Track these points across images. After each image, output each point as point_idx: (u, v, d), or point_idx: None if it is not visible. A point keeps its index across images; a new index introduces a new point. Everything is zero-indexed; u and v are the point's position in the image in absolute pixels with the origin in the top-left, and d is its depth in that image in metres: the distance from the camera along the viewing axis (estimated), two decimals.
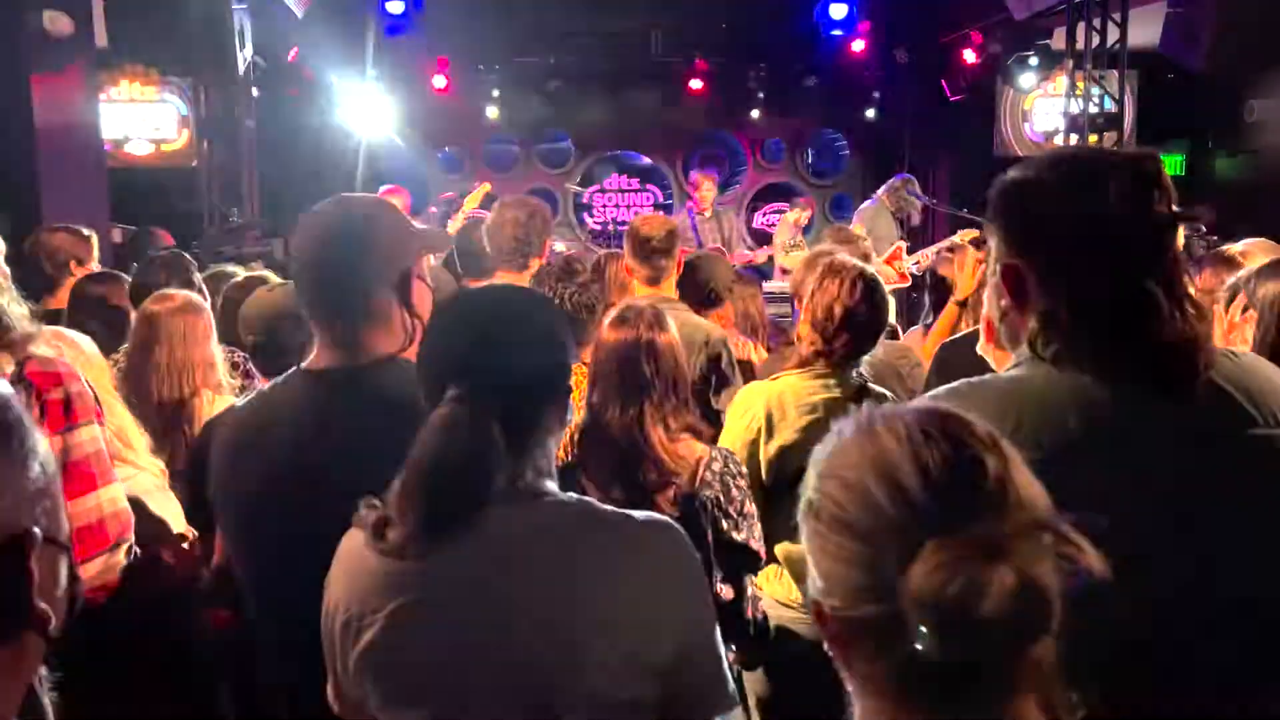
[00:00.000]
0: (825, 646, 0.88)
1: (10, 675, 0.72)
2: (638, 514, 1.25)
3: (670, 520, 1.28)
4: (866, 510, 0.81)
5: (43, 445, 0.75)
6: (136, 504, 2.04)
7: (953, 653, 0.75)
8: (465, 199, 6.44)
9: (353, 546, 1.25)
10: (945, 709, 0.80)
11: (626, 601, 1.16)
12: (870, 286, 2.47)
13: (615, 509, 1.25)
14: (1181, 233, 1.22)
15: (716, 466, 2.11)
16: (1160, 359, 1.15)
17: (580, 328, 2.65)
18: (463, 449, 1.13)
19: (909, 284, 6.33)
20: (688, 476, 2.08)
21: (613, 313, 2.23)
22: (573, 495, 1.26)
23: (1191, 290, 1.19)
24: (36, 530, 0.70)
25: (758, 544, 2.15)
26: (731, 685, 1.25)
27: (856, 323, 2.44)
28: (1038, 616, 0.75)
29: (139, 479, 2.17)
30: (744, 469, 2.19)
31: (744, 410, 2.49)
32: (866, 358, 2.54)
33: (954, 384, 1.30)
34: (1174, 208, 1.19)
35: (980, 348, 1.95)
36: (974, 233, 6.07)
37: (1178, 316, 1.16)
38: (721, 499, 2.09)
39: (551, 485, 1.25)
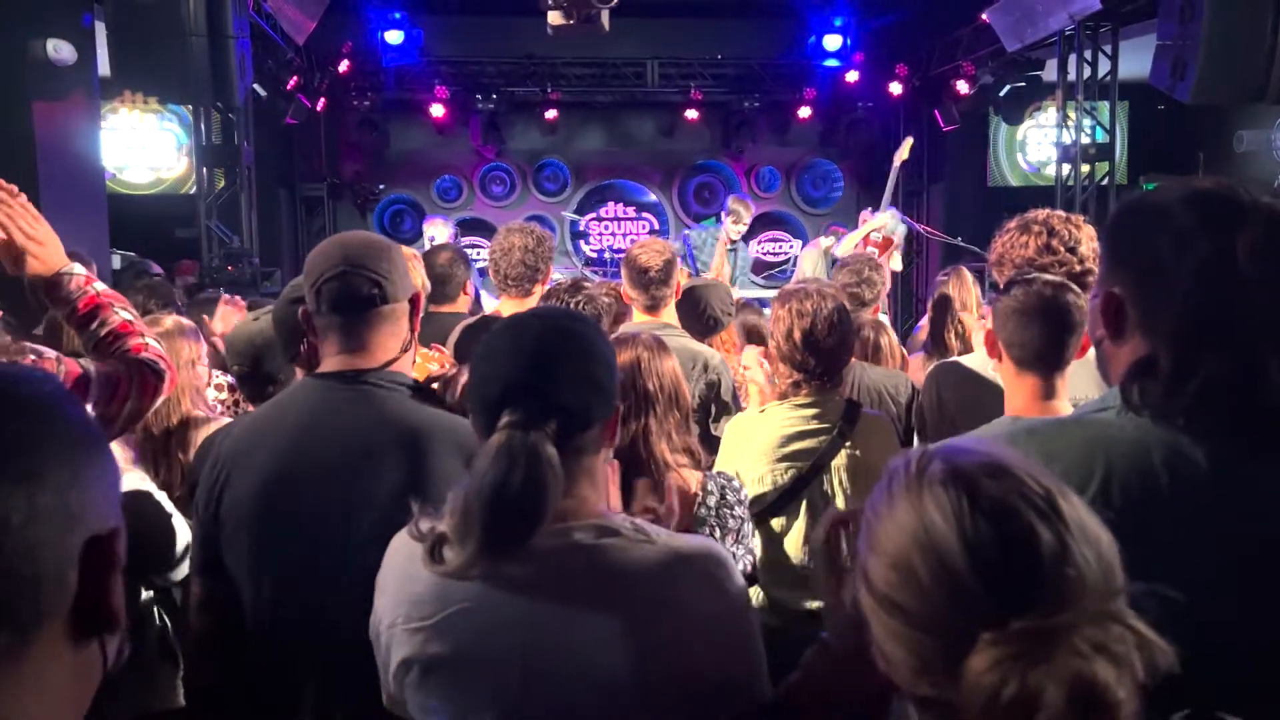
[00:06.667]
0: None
1: (84, 681, 0.69)
2: (687, 538, 1.26)
3: (717, 545, 1.29)
4: (916, 595, 0.80)
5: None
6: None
7: None
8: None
9: (405, 553, 1.25)
10: None
11: (672, 624, 1.17)
12: (824, 307, 2.47)
13: (665, 530, 1.26)
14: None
15: (712, 501, 2.09)
16: (1261, 425, 1.09)
17: None
18: (522, 475, 1.14)
19: (891, 245, 6.43)
20: (680, 510, 2.05)
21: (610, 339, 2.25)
22: (624, 516, 1.27)
23: None
24: (121, 529, 0.69)
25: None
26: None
27: (818, 342, 2.46)
28: (1098, 717, 0.72)
29: (128, 476, 2.19)
30: (742, 496, 2.18)
31: (727, 441, 2.55)
32: (856, 380, 2.55)
33: (1033, 423, 1.23)
34: None
35: (993, 367, 1.94)
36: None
37: None
38: (718, 533, 2.07)
39: (602, 505, 1.26)
